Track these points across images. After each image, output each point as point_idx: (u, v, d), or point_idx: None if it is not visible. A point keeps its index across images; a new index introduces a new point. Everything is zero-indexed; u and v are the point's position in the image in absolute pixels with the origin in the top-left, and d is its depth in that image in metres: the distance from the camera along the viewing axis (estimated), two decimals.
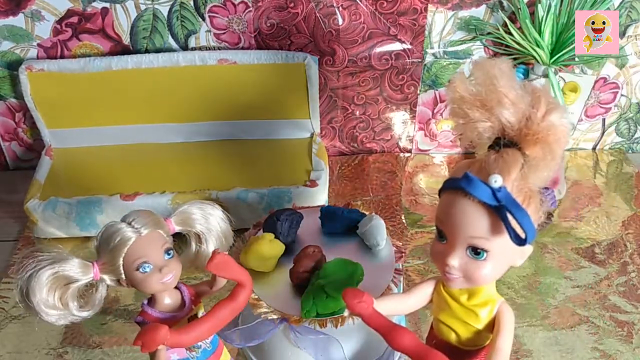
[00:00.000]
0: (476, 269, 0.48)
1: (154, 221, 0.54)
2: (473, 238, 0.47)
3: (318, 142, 1.00)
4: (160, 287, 0.54)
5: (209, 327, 0.55)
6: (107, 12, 0.92)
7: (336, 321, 0.61)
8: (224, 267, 0.54)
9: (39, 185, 0.92)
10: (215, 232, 0.59)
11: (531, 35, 0.87)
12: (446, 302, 0.53)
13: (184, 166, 0.98)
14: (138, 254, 0.52)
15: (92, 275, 0.53)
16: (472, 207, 0.46)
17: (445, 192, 0.49)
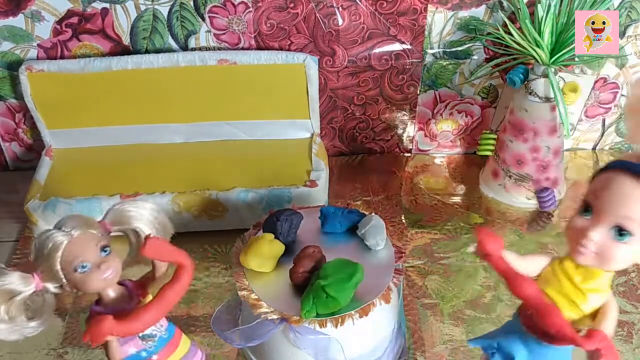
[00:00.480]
0: (613, 249, 0.49)
1: (84, 222, 0.55)
2: (624, 218, 0.47)
3: (318, 142, 1.00)
4: (102, 284, 0.55)
5: (156, 311, 0.56)
6: (107, 12, 0.92)
7: (336, 321, 0.61)
8: (158, 250, 0.55)
9: (39, 186, 0.92)
10: (151, 224, 0.59)
11: (531, 36, 0.87)
12: (557, 278, 0.54)
13: (184, 166, 0.98)
14: (73, 255, 0.53)
15: (34, 286, 0.54)
16: (635, 190, 0.47)
17: (611, 170, 0.49)
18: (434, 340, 0.77)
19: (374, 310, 0.63)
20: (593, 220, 0.49)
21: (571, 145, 1.11)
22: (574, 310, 0.53)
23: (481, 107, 1.05)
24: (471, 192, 1.02)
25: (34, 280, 0.54)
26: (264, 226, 0.71)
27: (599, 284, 0.52)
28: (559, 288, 0.53)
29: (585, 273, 0.52)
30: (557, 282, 0.54)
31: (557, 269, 0.54)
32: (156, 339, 0.60)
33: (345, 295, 0.61)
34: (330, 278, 0.61)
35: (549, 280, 0.54)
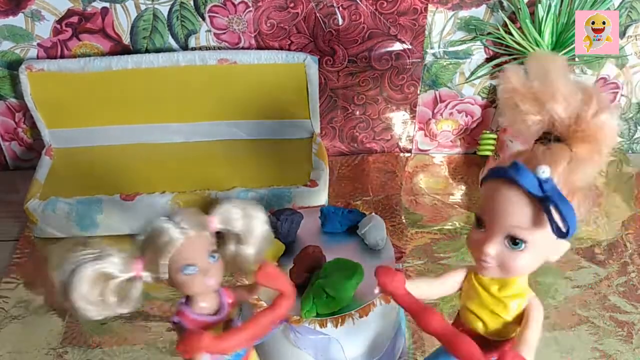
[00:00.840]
0: (513, 259, 0.48)
1: (201, 222, 0.53)
2: (513, 227, 0.47)
3: (318, 142, 1.00)
4: (202, 290, 0.53)
5: (250, 334, 0.54)
6: (107, 12, 0.92)
7: (336, 321, 0.61)
8: (273, 278, 0.53)
9: (39, 185, 0.92)
10: (256, 234, 0.56)
11: (531, 35, 0.87)
12: (476, 292, 0.53)
13: (184, 166, 0.98)
14: (185, 256, 0.51)
15: (134, 272, 0.51)
16: (516, 197, 0.46)
17: (490, 181, 0.49)
18: (433, 341, 0.76)
19: (374, 310, 0.63)
20: (486, 233, 0.49)
21: None
22: (498, 320, 0.53)
23: (481, 107, 1.05)
24: (471, 192, 1.02)
25: (135, 266, 0.51)
26: None
27: (517, 289, 0.52)
28: (479, 301, 0.53)
29: (500, 282, 0.52)
30: (477, 296, 0.53)
31: (474, 282, 0.54)
32: (232, 353, 0.58)
33: (345, 295, 0.61)
34: (331, 278, 0.61)
35: (469, 295, 0.54)
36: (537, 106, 0.47)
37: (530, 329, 0.50)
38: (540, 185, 0.45)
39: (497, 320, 0.53)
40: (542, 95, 0.47)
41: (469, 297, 0.54)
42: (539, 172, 0.45)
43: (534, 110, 0.48)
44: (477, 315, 0.54)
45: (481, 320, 0.54)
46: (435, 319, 0.51)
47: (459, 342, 0.49)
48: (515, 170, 0.45)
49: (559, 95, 0.46)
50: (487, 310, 0.53)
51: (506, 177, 0.46)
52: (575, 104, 0.46)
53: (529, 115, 0.48)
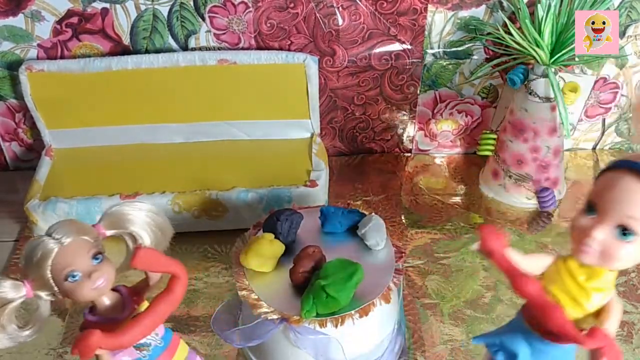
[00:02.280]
0: (616, 248, 0.49)
1: (76, 229, 0.53)
2: (629, 217, 0.47)
3: (318, 142, 1.00)
4: (93, 293, 0.53)
5: (148, 323, 0.54)
6: (107, 12, 0.92)
7: (336, 321, 0.61)
8: (149, 262, 0.53)
9: (39, 186, 0.92)
10: (149, 226, 0.57)
11: (531, 36, 0.87)
12: (561, 276, 0.54)
13: (184, 166, 0.98)
14: (63, 263, 0.51)
15: (25, 293, 0.52)
16: (636, 187, 0.47)
17: (615, 170, 0.49)
18: (434, 340, 0.77)
19: (374, 310, 0.63)
20: (597, 219, 0.49)
21: (571, 145, 1.11)
22: (577, 309, 0.53)
23: (481, 107, 1.05)
24: (471, 192, 1.02)
25: (24, 288, 0.52)
26: (264, 226, 0.71)
27: (603, 282, 0.52)
28: (563, 287, 0.53)
29: (589, 272, 0.52)
30: (561, 281, 0.54)
31: (561, 268, 0.54)
32: (150, 347, 0.59)
33: (345, 295, 0.61)
34: (331, 278, 0.61)
35: (553, 279, 0.54)
36: None
37: (611, 320, 0.51)
38: None
39: (576, 309, 0.53)
40: None
41: (552, 281, 0.54)
42: None
43: None
44: (557, 300, 0.54)
45: (560, 305, 0.53)
46: (533, 283, 0.51)
47: (552, 310, 0.50)
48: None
49: None
50: (569, 296, 0.53)
51: (635, 168, 0.47)
52: None
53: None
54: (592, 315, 0.53)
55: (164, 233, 0.59)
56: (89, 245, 0.53)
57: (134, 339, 0.54)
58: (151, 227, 0.57)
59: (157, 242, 0.58)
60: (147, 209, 0.58)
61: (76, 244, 0.52)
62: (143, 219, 0.57)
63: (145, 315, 0.54)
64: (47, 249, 0.51)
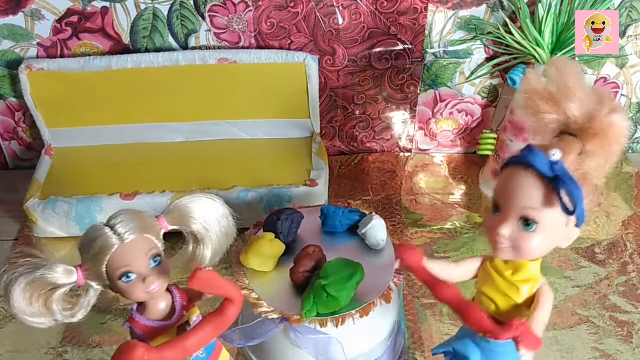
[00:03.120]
0: (525, 239, 0.51)
1: (141, 225, 0.51)
2: (525, 208, 0.50)
3: (318, 142, 1.00)
4: (145, 296, 0.52)
5: (194, 344, 0.52)
6: (107, 11, 0.92)
7: (337, 321, 0.61)
8: (207, 284, 0.51)
9: (39, 185, 0.92)
10: (215, 231, 0.54)
11: (531, 35, 0.87)
12: (491, 276, 0.57)
13: (184, 166, 0.97)
14: (120, 263, 0.49)
15: (75, 280, 0.51)
16: (528, 179, 0.50)
17: (507, 168, 0.52)
18: (433, 340, 0.77)
19: (374, 310, 0.63)
20: (501, 216, 0.52)
21: None
22: (510, 303, 0.56)
23: (481, 106, 1.05)
24: (471, 191, 1.02)
25: (76, 275, 0.51)
26: (264, 226, 0.71)
27: (529, 274, 0.55)
28: (494, 285, 0.57)
29: (514, 266, 0.55)
30: (491, 280, 0.57)
31: (489, 268, 0.57)
32: (191, 359, 0.56)
33: (345, 295, 0.61)
34: (331, 278, 0.61)
35: (484, 280, 0.58)
36: (555, 106, 0.51)
37: (539, 309, 0.54)
38: (551, 166, 0.48)
39: (509, 303, 0.56)
40: (559, 96, 0.51)
41: (484, 282, 0.58)
42: (550, 155, 0.48)
43: (551, 110, 0.52)
44: (490, 298, 0.57)
45: (494, 302, 0.57)
46: (449, 289, 0.56)
47: (470, 310, 0.54)
48: (529, 152, 0.49)
49: (574, 96, 0.50)
50: (500, 293, 0.56)
51: (521, 161, 0.50)
52: (589, 105, 0.50)
53: (547, 115, 0.52)
54: (524, 306, 0.55)
55: (228, 237, 0.56)
56: (150, 245, 0.51)
57: (177, 357, 0.51)
58: (218, 232, 0.55)
59: (216, 248, 0.56)
60: (220, 211, 0.55)
61: (137, 242, 0.50)
62: (213, 222, 0.54)
63: (193, 335, 0.52)
64: (107, 244, 0.49)
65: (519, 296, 0.55)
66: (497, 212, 0.53)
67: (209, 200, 0.54)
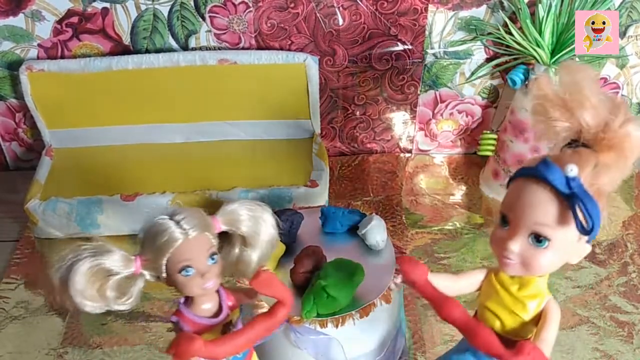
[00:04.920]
0: (535, 256, 0.49)
1: (203, 223, 0.52)
2: (538, 225, 0.48)
3: (318, 143, 1.00)
4: (200, 291, 0.53)
5: (244, 341, 0.53)
6: (107, 12, 0.92)
7: (337, 321, 0.61)
8: (267, 285, 0.53)
9: (39, 186, 0.92)
10: (263, 237, 0.55)
11: (531, 35, 0.87)
12: (495, 291, 0.54)
13: (184, 166, 0.97)
14: (183, 257, 0.51)
15: (133, 269, 0.51)
16: (543, 194, 0.47)
17: (518, 179, 0.50)
18: (434, 340, 0.77)
19: (374, 311, 0.63)
20: (510, 231, 0.49)
21: None
22: (516, 320, 0.54)
23: (482, 107, 1.05)
24: (471, 192, 1.02)
25: (134, 264, 0.51)
26: None
27: (536, 289, 0.53)
28: (499, 300, 0.54)
29: (520, 282, 0.53)
30: (496, 295, 0.54)
31: (493, 282, 0.55)
32: (230, 357, 0.56)
33: (345, 296, 0.61)
34: (331, 278, 0.61)
35: (488, 294, 0.55)
36: (567, 113, 0.49)
37: (547, 329, 0.52)
38: (567, 182, 0.46)
39: (514, 320, 0.54)
40: (572, 103, 0.49)
41: (488, 296, 0.55)
42: (567, 170, 0.45)
43: (563, 117, 0.49)
44: (495, 314, 0.54)
45: (499, 318, 0.54)
46: (457, 308, 0.52)
47: (478, 331, 0.51)
48: (544, 167, 0.46)
49: (588, 103, 0.48)
50: (505, 309, 0.54)
51: (535, 175, 0.47)
52: (603, 113, 0.48)
53: (558, 122, 0.49)
54: (531, 323, 0.53)
55: (272, 244, 0.57)
56: (210, 243, 0.52)
57: (228, 353, 0.53)
58: (265, 239, 0.56)
59: (262, 253, 0.56)
60: (270, 220, 0.56)
61: (200, 239, 0.51)
62: (263, 229, 0.55)
63: (245, 333, 0.53)
64: (173, 237, 0.50)
65: (526, 312, 0.53)
66: (505, 225, 0.50)
67: (259, 207, 0.56)
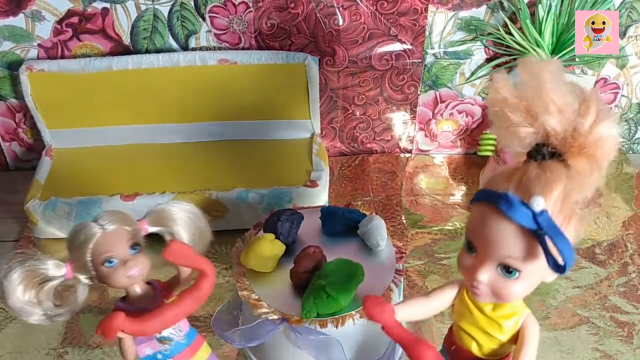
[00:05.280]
0: (505, 286, 0.46)
1: (121, 218, 0.56)
2: (506, 257, 0.44)
3: (318, 143, 1.00)
4: (126, 281, 0.55)
5: (171, 314, 0.56)
6: (107, 12, 0.92)
7: (336, 321, 0.61)
8: (180, 255, 0.55)
9: (39, 186, 0.92)
10: (189, 228, 0.59)
11: (531, 36, 0.87)
12: (469, 310, 0.52)
13: (184, 166, 0.97)
14: (103, 249, 0.54)
15: (65, 273, 0.55)
16: (508, 227, 0.43)
17: (481, 204, 0.46)
18: (434, 341, 0.77)
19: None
20: (478, 260, 0.46)
21: None
22: (492, 341, 0.51)
23: (482, 107, 1.05)
24: (472, 192, 1.02)
25: (65, 269, 0.55)
26: (264, 226, 0.71)
27: (511, 308, 0.50)
28: (473, 320, 0.51)
29: (494, 302, 0.50)
30: (470, 315, 0.51)
31: (466, 300, 0.52)
32: (172, 342, 0.60)
33: (345, 296, 0.61)
34: (331, 278, 0.61)
35: (462, 314, 0.52)
36: (530, 118, 0.44)
37: (526, 349, 0.49)
38: (534, 217, 0.41)
39: (491, 341, 0.51)
40: (535, 107, 0.43)
41: (461, 316, 0.53)
42: (533, 205, 0.41)
43: (526, 122, 0.44)
44: (470, 335, 0.52)
45: (475, 340, 0.52)
46: (429, 352, 0.49)
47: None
48: (506, 204, 0.42)
49: (552, 107, 0.43)
50: (481, 330, 0.51)
51: (496, 206, 0.43)
52: (570, 116, 0.43)
53: (521, 128, 0.44)
54: (509, 342, 0.51)
55: (202, 237, 0.61)
56: (129, 235, 0.55)
57: (157, 327, 0.56)
58: (192, 229, 0.60)
59: (194, 244, 0.60)
60: (190, 210, 0.60)
61: (117, 232, 0.55)
62: (185, 220, 0.59)
63: (170, 307, 0.56)
64: (90, 233, 0.54)
65: (502, 333, 0.50)
66: (472, 252, 0.47)
67: (182, 204, 0.60)
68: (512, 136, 0.45)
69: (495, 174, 0.47)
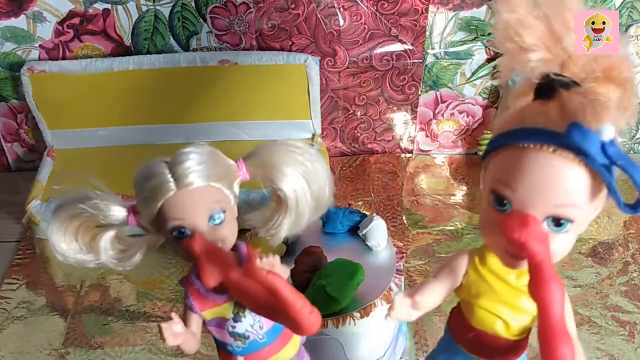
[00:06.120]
0: (552, 242, 0.37)
1: (210, 171, 0.41)
2: (560, 207, 0.36)
3: (319, 143, 1.00)
4: None
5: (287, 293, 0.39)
6: (108, 13, 0.92)
7: (337, 321, 0.61)
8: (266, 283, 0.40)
9: (41, 186, 0.92)
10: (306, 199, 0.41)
11: None
12: (488, 284, 0.42)
13: None
14: (174, 214, 0.40)
15: (127, 221, 0.43)
16: (565, 168, 0.35)
17: (514, 147, 0.37)
18: (435, 340, 0.77)
19: (375, 311, 0.63)
20: (516, 216, 0.37)
21: None
22: (522, 315, 0.42)
23: (482, 107, 1.05)
24: (472, 192, 1.02)
25: (129, 217, 0.43)
26: None
27: None
28: (495, 296, 0.42)
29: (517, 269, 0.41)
30: (491, 290, 0.42)
31: (481, 271, 0.43)
32: (247, 341, 0.46)
33: (346, 296, 0.61)
34: (331, 278, 0.61)
35: (479, 290, 0.43)
36: (550, 40, 0.37)
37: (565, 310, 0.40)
38: (603, 149, 0.35)
39: (521, 315, 0.42)
40: (558, 27, 0.37)
41: (479, 293, 0.43)
42: (603, 133, 0.34)
43: (542, 44, 0.37)
44: (494, 314, 0.43)
45: (501, 319, 0.43)
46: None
47: None
48: (579, 134, 0.34)
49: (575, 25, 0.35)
50: (507, 305, 0.42)
51: (551, 143, 0.35)
52: None
53: (536, 54, 0.37)
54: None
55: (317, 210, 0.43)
56: (215, 197, 0.40)
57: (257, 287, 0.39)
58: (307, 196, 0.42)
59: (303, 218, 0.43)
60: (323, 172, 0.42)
61: (200, 192, 0.40)
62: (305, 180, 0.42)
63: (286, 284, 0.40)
64: (162, 189, 0.40)
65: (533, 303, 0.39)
66: (504, 207, 0.37)
67: (311, 152, 0.41)
68: (523, 63, 0.38)
69: (505, 118, 0.39)
